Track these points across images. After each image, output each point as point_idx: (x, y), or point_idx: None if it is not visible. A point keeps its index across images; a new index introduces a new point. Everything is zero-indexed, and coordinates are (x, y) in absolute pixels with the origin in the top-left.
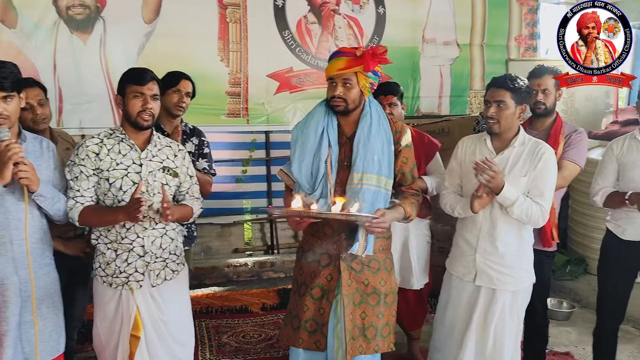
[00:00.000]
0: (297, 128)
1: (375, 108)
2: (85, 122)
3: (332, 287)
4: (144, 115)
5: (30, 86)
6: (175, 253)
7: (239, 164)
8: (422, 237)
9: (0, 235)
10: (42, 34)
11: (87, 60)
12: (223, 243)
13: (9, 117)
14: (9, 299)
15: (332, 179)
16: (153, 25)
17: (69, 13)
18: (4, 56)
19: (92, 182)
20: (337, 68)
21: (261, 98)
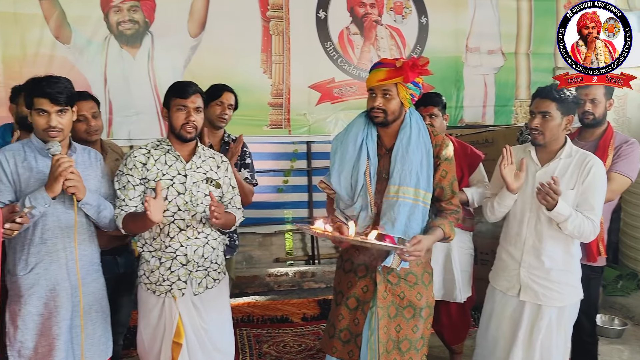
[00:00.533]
0: (337, 139)
1: (415, 120)
2: (134, 133)
3: (367, 299)
4: (187, 128)
5: (84, 99)
6: (216, 262)
7: (280, 174)
8: (464, 250)
9: (52, 242)
10: (94, 49)
11: (135, 73)
12: (264, 252)
13: (62, 130)
14: (60, 303)
15: (371, 190)
16: (198, 39)
17: (119, 28)
18: (58, 70)
19: (139, 191)
20: (377, 79)
21: (303, 109)
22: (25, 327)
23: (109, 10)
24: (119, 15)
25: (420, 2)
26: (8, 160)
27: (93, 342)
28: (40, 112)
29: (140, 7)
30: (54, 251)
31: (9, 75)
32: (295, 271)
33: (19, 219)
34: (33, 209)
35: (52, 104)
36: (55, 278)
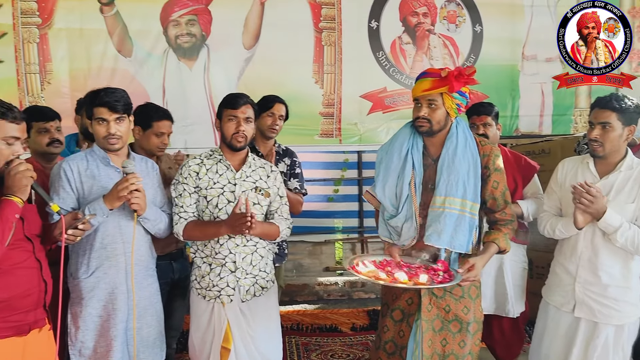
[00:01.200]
0: (382, 149)
1: (462, 129)
2: (190, 142)
3: (412, 311)
4: (237, 137)
5: (167, 119)
6: (265, 270)
7: (331, 183)
8: (518, 263)
9: (112, 248)
10: (153, 62)
11: (192, 85)
12: (314, 261)
13: (121, 138)
14: (117, 306)
15: (416, 201)
16: (252, 51)
17: (178, 42)
18: (119, 82)
19: (194, 199)
20: (422, 89)
21: (354, 118)
22: (86, 327)
23: (168, 24)
24: (177, 29)
25: (475, 11)
26: (72, 169)
27: (147, 345)
28: (100, 120)
29: (198, 21)
30: (113, 256)
31: (75, 88)
32: (345, 280)
33: (81, 225)
34: (94, 217)
35: (110, 112)
36: (114, 282)
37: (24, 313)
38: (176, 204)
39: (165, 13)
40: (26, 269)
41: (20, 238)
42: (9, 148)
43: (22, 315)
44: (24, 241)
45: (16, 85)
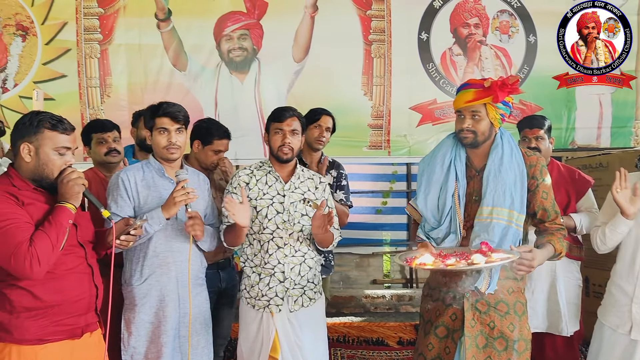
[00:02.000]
0: (424, 161)
1: (507, 140)
2: (240, 154)
3: (457, 327)
4: (283, 149)
5: (227, 137)
6: (313, 282)
7: (379, 196)
8: (572, 280)
9: (164, 256)
10: (207, 76)
11: (243, 98)
12: (361, 273)
13: (180, 148)
14: (168, 314)
15: (460, 213)
16: (302, 64)
17: (230, 56)
18: (174, 95)
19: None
20: (465, 100)
21: (403, 130)
22: (138, 333)
23: (221, 39)
24: (229, 44)
25: (529, 21)
26: (129, 179)
27: (196, 353)
28: (162, 130)
29: (249, 35)
30: (165, 264)
31: (133, 101)
32: (393, 294)
33: (133, 231)
34: (145, 222)
35: (172, 122)
36: (165, 289)
37: (76, 317)
38: (223, 213)
39: (219, 28)
40: (78, 274)
41: (73, 244)
42: (61, 158)
43: (74, 319)
44: (76, 247)
45: (78, 99)
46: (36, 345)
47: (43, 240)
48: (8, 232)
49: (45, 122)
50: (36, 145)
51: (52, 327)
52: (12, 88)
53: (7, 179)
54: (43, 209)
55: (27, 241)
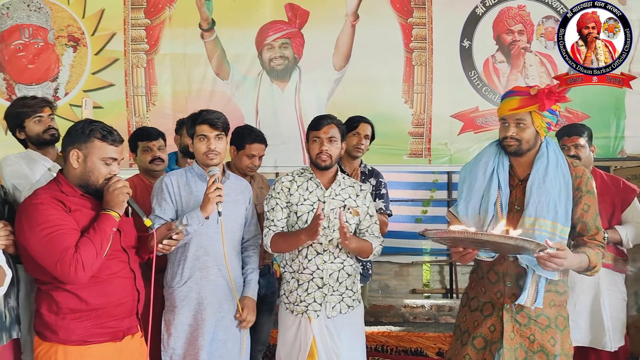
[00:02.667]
0: (465, 168)
1: (553, 149)
2: (279, 161)
3: (495, 339)
4: (321, 157)
5: (259, 142)
6: (351, 289)
7: (419, 204)
8: (616, 294)
9: (203, 260)
10: (248, 84)
11: (283, 106)
12: (401, 282)
13: (219, 154)
14: (206, 317)
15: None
16: (342, 72)
17: (271, 64)
18: (217, 104)
19: (285, 213)
20: (509, 108)
21: (444, 138)
22: (177, 335)
23: (263, 48)
24: (271, 52)
25: None
26: (172, 183)
27: (232, 358)
28: (202, 137)
29: (291, 44)
30: (204, 268)
31: (177, 109)
32: (432, 304)
33: (175, 235)
34: (187, 227)
35: (211, 129)
36: (204, 292)
37: (119, 320)
38: (267, 218)
39: (261, 37)
40: (121, 279)
41: (117, 249)
42: (107, 168)
43: (117, 321)
44: (120, 252)
45: (125, 107)
46: (80, 346)
47: (88, 247)
48: (55, 238)
49: (97, 132)
50: (85, 153)
51: (96, 329)
52: (63, 96)
53: (55, 185)
54: (89, 216)
55: (73, 247)
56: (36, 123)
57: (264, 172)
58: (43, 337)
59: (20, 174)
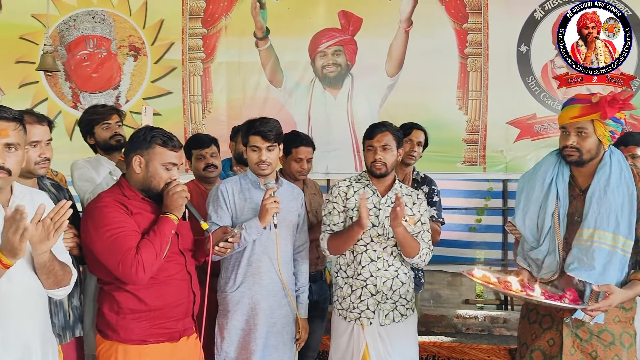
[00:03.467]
0: (524, 178)
1: (617, 159)
2: (331, 167)
3: (554, 353)
4: (376, 165)
5: (305, 145)
6: (405, 298)
7: (473, 213)
8: None
9: (256, 265)
10: (301, 91)
11: (336, 112)
12: (453, 292)
13: (270, 164)
14: (258, 322)
15: (560, 234)
16: (395, 79)
17: (324, 72)
18: (270, 111)
19: (342, 217)
20: (570, 116)
21: (500, 145)
22: (230, 339)
23: (316, 56)
24: (324, 60)
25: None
26: (227, 190)
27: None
28: (254, 148)
29: (343, 51)
30: (257, 273)
31: (231, 116)
32: (486, 315)
33: (231, 238)
34: (243, 231)
35: (263, 140)
36: (256, 298)
37: (175, 321)
38: (324, 222)
39: (314, 45)
40: (178, 281)
41: (175, 252)
42: (167, 172)
43: (173, 322)
44: (177, 255)
45: (182, 114)
46: (139, 345)
47: (148, 248)
48: (117, 240)
49: (157, 138)
50: (147, 158)
51: (154, 329)
52: (124, 104)
53: (118, 189)
54: (149, 219)
55: (134, 249)
56: (104, 129)
57: (315, 178)
58: (105, 336)
59: (87, 177)
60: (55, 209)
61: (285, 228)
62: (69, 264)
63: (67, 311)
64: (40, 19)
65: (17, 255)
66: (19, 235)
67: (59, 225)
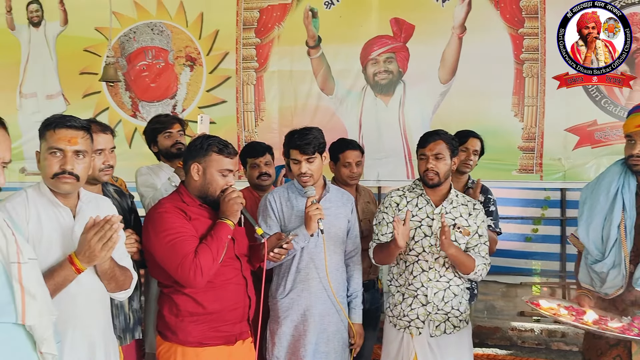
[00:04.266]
0: (587, 188)
1: None
2: (382, 175)
3: None
4: (428, 174)
5: (353, 148)
6: (458, 309)
7: (529, 222)
8: None
9: (305, 272)
10: (352, 99)
11: (387, 119)
12: (508, 304)
13: (312, 176)
14: (308, 328)
15: (626, 246)
16: (448, 85)
17: (375, 79)
18: (321, 118)
19: (391, 228)
20: (636, 124)
21: (558, 153)
22: (280, 344)
23: (367, 63)
24: (375, 67)
25: None
26: (275, 200)
27: None
28: (294, 161)
29: (395, 58)
30: (306, 280)
31: (283, 124)
32: (543, 328)
33: (285, 245)
34: (297, 236)
35: (301, 154)
36: (306, 304)
37: (232, 324)
38: (374, 232)
39: (365, 52)
40: (234, 285)
41: (231, 257)
42: (223, 179)
43: (230, 326)
44: (233, 259)
45: (235, 122)
46: (197, 348)
47: (206, 253)
48: (177, 244)
49: (214, 146)
50: (204, 166)
51: (211, 332)
52: (180, 113)
53: (177, 195)
54: (207, 224)
55: (193, 253)
56: (166, 138)
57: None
58: (164, 337)
59: (149, 184)
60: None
61: (334, 234)
62: (130, 268)
63: (128, 314)
64: (103, 32)
65: (93, 261)
66: (101, 244)
67: (106, 240)
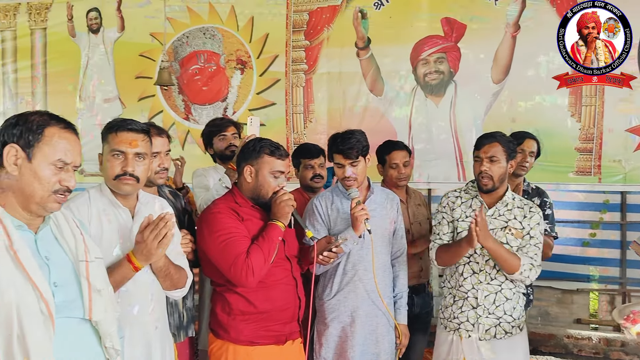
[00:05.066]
0: None
1: None
2: (432, 177)
3: None
4: (482, 179)
5: (399, 149)
6: (511, 314)
7: (587, 226)
8: None
9: (351, 274)
10: (402, 99)
11: (437, 120)
12: (563, 311)
13: (356, 178)
14: (356, 329)
15: None
16: (501, 85)
17: (426, 79)
18: (369, 120)
19: (450, 228)
20: None
21: (617, 155)
22: (327, 345)
23: (418, 64)
24: (426, 68)
25: None
26: (321, 204)
27: None
28: (338, 165)
29: (446, 58)
30: (352, 282)
31: (331, 125)
32: (601, 337)
33: (335, 248)
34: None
35: (344, 159)
36: (352, 306)
37: (282, 324)
38: (434, 232)
39: (415, 53)
40: (285, 285)
41: (281, 257)
42: (275, 180)
43: (280, 326)
44: (284, 260)
45: (284, 124)
46: (248, 346)
47: (257, 253)
48: (230, 244)
49: (266, 148)
50: (256, 168)
51: (261, 331)
52: (231, 115)
53: (230, 197)
54: (258, 225)
55: (245, 253)
56: (220, 140)
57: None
58: (216, 335)
59: (203, 185)
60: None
61: (379, 236)
62: (185, 267)
63: (182, 312)
64: (157, 37)
65: (149, 259)
66: (157, 241)
67: (162, 237)
